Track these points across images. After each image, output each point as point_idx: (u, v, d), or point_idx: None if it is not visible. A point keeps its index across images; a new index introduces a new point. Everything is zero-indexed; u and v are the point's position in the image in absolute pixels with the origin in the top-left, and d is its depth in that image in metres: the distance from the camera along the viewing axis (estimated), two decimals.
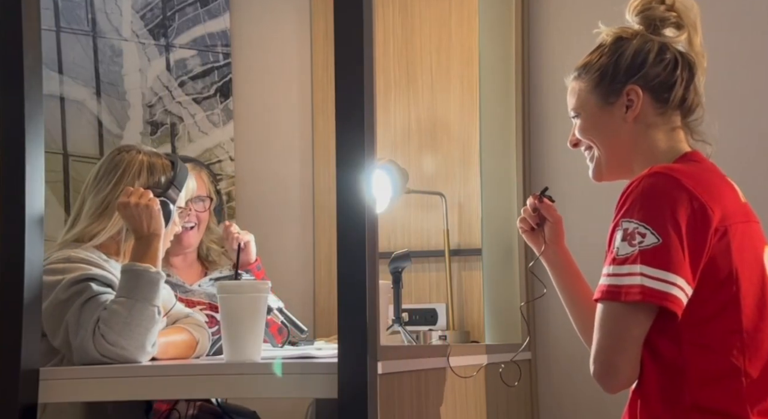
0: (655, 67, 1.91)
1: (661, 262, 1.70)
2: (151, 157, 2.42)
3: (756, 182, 3.27)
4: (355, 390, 1.76)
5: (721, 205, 1.76)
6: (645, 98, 1.90)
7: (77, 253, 2.27)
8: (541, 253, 2.19)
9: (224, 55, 3.82)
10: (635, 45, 1.92)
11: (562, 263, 2.18)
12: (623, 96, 1.91)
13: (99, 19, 3.59)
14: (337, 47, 1.83)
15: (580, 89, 1.98)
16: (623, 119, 1.92)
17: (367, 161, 1.80)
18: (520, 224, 2.23)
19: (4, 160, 1.97)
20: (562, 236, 2.19)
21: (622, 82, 1.91)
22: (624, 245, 1.73)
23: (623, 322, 1.72)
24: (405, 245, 3.58)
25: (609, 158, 1.96)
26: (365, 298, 1.77)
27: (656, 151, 1.90)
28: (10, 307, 1.94)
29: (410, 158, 3.65)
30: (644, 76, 1.90)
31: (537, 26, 3.53)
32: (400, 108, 3.71)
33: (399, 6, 3.73)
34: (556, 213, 2.20)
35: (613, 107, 1.93)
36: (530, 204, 2.21)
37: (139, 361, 2.12)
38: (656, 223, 1.71)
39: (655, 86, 1.90)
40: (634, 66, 1.91)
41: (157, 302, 2.16)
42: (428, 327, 3.44)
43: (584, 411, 3.34)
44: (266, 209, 3.82)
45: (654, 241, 1.70)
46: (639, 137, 1.92)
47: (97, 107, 3.56)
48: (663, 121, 1.91)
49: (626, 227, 1.73)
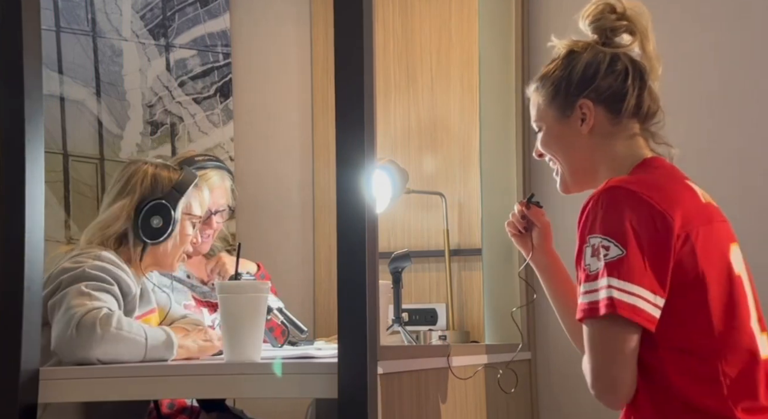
0: (606, 79, 1.93)
1: (626, 273, 1.71)
2: (157, 167, 2.46)
3: (755, 182, 3.27)
4: (355, 390, 1.76)
5: (681, 210, 1.77)
6: (598, 111, 1.93)
7: (105, 253, 2.30)
8: (529, 257, 2.22)
9: (224, 55, 3.82)
10: (586, 58, 1.95)
11: (550, 267, 2.21)
12: (577, 110, 1.94)
13: (99, 19, 3.59)
14: (337, 48, 1.83)
15: (539, 103, 2.01)
16: (579, 132, 1.95)
17: (367, 161, 1.80)
18: (508, 227, 2.27)
19: (4, 160, 1.97)
20: (550, 241, 2.23)
21: (575, 96, 1.94)
22: (594, 260, 1.74)
23: (609, 337, 1.73)
24: (405, 245, 3.58)
25: (571, 171, 1.99)
26: (365, 298, 1.77)
27: (617, 159, 1.92)
28: (10, 307, 1.94)
29: (410, 158, 3.65)
30: (596, 89, 1.93)
31: (537, 26, 3.53)
32: (400, 108, 3.71)
33: (399, 6, 3.73)
34: (544, 218, 2.24)
35: (569, 120, 1.96)
36: (518, 211, 2.25)
37: (91, 359, 2.09)
38: (617, 235, 1.73)
39: (608, 98, 1.93)
40: (586, 79, 1.94)
41: (148, 357, 2.15)
42: (428, 327, 3.44)
43: (584, 411, 3.34)
44: (266, 209, 3.82)
45: (618, 253, 1.72)
46: (597, 148, 1.94)
47: (97, 106, 3.56)
48: (619, 130, 1.93)
49: (593, 243, 1.75)
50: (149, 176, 2.42)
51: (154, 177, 2.43)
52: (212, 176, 2.92)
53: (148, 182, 2.42)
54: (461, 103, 3.63)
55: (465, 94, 3.62)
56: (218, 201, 2.92)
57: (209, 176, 2.90)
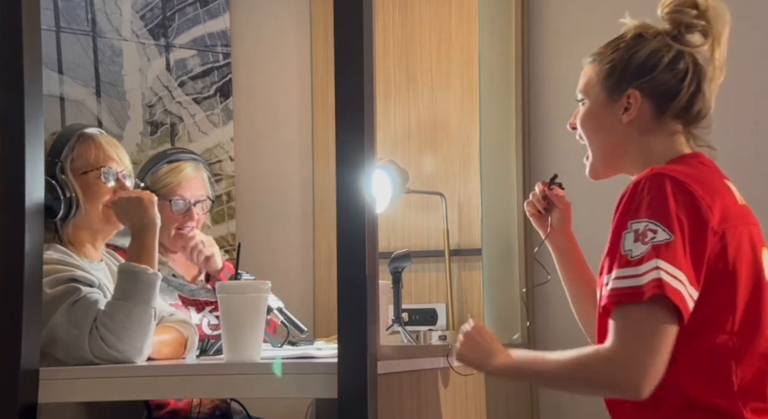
0: (664, 74, 1.88)
1: (673, 258, 1.68)
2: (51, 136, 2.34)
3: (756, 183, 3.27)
4: (355, 390, 1.76)
5: (720, 207, 1.75)
6: (644, 104, 1.89)
7: (50, 255, 2.22)
8: (546, 237, 2.20)
9: (224, 55, 3.82)
10: (652, 46, 1.90)
11: (567, 248, 2.19)
12: (623, 98, 1.90)
13: (99, 19, 3.59)
14: (337, 47, 1.83)
15: (591, 76, 1.96)
16: (618, 119, 1.91)
17: (367, 161, 1.80)
18: (527, 206, 2.24)
19: (4, 159, 1.97)
20: (569, 222, 2.21)
21: (628, 82, 1.90)
22: (637, 245, 1.70)
23: (651, 322, 1.67)
24: (405, 245, 3.58)
25: (601, 156, 1.96)
26: (365, 298, 1.77)
27: (652, 153, 1.89)
28: (9, 307, 1.94)
29: (410, 158, 3.64)
30: (650, 81, 1.88)
31: (537, 26, 3.53)
32: (400, 108, 3.71)
33: (399, 6, 3.73)
34: (566, 200, 2.22)
35: (613, 105, 1.91)
36: (539, 191, 2.23)
37: (135, 362, 2.12)
38: (665, 220, 1.70)
39: (659, 93, 1.88)
40: (644, 68, 1.89)
41: (154, 304, 2.15)
42: (428, 327, 3.44)
43: (584, 411, 3.34)
44: (266, 209, 3.82)
45: (666, 237, 1.69)
46: (632, 140, 1.91)
47: (97, 107, 3.56)
48: (660, 128, 1.90)
49: (636, 228, 1.71)
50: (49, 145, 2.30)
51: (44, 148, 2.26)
52: (185, 167, 2.90)
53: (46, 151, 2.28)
54: (461, 104, 3.63)
55: (465, 94, 3.62)
56: (195, 192, 2.90)
57: (182, 168, 2.89)
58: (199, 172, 2.94)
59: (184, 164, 2.92)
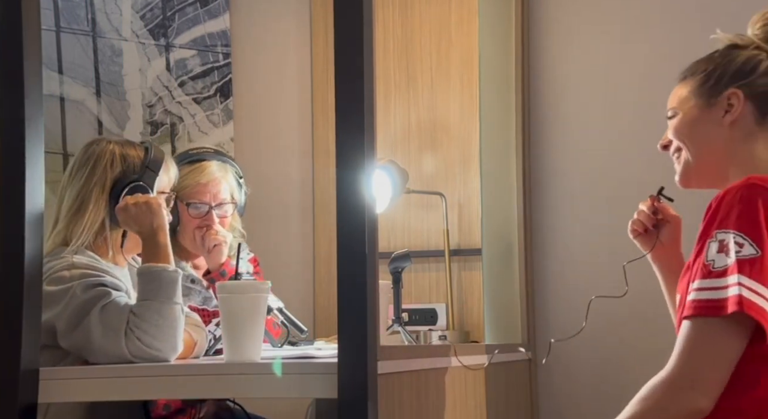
0: (763, 78, 1.85)
1: (758, 274, 1.62)
2: (123, 146, 2.38)
3: None
4: (355, 390, 1.76)
5: None
6: (746, 105, 1.85)
7: (79, 259, 2.26)
8: (649, 252, 2.08)
9: (224, 55, 3.82)
10: (748, 53, 1.87)
11: (676, 267, 2.05)
12: (723, 99, 1.86)
13: (99, 19, 3.59)
14: (337, 47, 1.83)
15: (682, 91, 1.92)
16: (720, 122, 1.86)
17: (367, 161, 1.80)
18: (632, 226, 2.12)
19: (4, 160, 1.97)
20: (680, 237, 2.10)
21: (726, 86, 1.86)
22: (721, 256, 1.64)
23: (722, 339, 1.63)
24: (405, 245, 3.58)
25: (698, 163, 1.89)
26: (365, 298, 1.77)
27: (756, 161, 1.84)
28: (9, 307, 1.94)
29: (410, 158, 3.65)
30: (750, 83, 1.85)
31: (537, 26, 3.53)
32: (400, 108, 3.71)
33: (399, 6, 3.73)
34: (675, 212, 2.11)
35: (712, 109, 1.87)
36: (648, 207, 2.11)
37: (171, 360, 2.14)
38: (755, 234, 1.64)
39: (760, 95, 1.85)
40: (743, 72, 1.86)
41: (180, 300, 2.18)
42: (428, 327, 3.44)
43: (584, 411, 3.34)
44: (266, 209, 3.81)
45: (753, 252, 1.63)
46: (734, 145, 1.85)
47: (97, 107, 3.56)
48: (763, 133, 1.85)
49: (722, 239, 1.65)
50: (118, 157, 2.34)
51: (123, 158, 2.35)
52: (207, 167, 2.81)
53: (118, 163, 2.34)
54: (461, 104, 3.63)
55: (465, 94, 3.62)
56: (217, 195, 2.80)
57: (204, 168, 2.80)
58: (223, 173, 2.83)
59: (206, 164, 2.82)
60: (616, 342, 3.26)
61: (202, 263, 2.91)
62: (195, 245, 2.82)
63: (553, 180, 3.47)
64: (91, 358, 2.14)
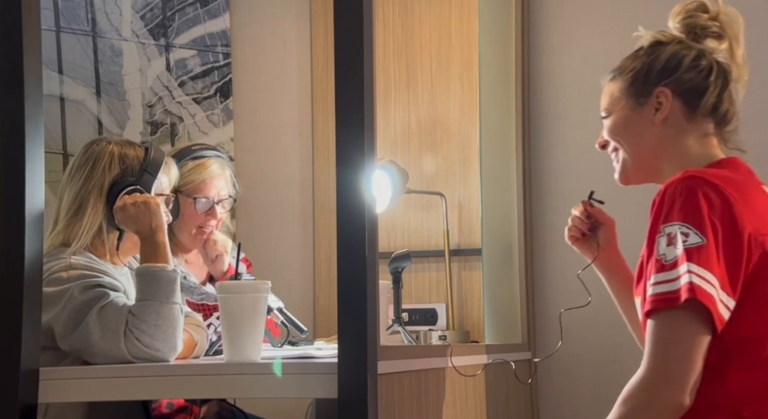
0: (688, 73, 1.89)
1: (705, 262, 1.65)
2: (123, 147, 2.37)
3: None
4: (355, 390, 1.76)
5: (755, 214, 1.72)
6: (675, 102, 1.89)
7: (77, 260, 2.25)
8: (594, 259, 2.14)
9: (224, 55, 3.82)
10: (671, 49, 1.91)
11: (618, 268, 2.12)
12: (653, 98, 1.90)
13: (99, 19, 3.59)
14: (337, 47, 1.83)
15: (613, 91, 1.96)
16: (651, 121, 1.90)
17: (367, 161, 1.80)
18: (569, 233, 2.17)
19: (4, 160, 1.97)
20: (616, 239, 2.15)
21: (654, 84, 1.90)
22: (670, 249, 1.67)
23: (685, 330, 1.65)
24: (405, 245, 3.58)
25: (635, 160, 1.94)
26: (365, 298, 1.77)
27: (688, 156, 1.88)
28: (9, 307, 1.94)
29: (410, 158, 3.65)
30: (676, 80, 1.89)
31: (537, 26, 3.53)
32: (400, 108, 3.71)
33: (399, 6, 3.73)
34: (608, 216, 2.16)
35: (642, 108, 1.91)
36: (581, 212, 2.16)
37: (170, 361, 2.14)
38: (698, 223, 1.67)
39: (687, 91, 1.88)
40: (668, 69, 1.89)
41: (178, 300, 2.18)
42: (428, 327, 3.44)
43: (584, 411, 3.34)
44: (266, 209, 3.82)
45: (699, 240, 1.66)
46: (667, 141, 1.90)
47: (97, 107, 3.56)
48: (693, 127, 1.89)
49: (669, 232, 1.68)
50: (116, 158, 2.34)
51: (122, 159, 2.34)
52: (210, 164, 2.84)
53: (117, 164, 2.33)
54: (461, 103, 3.63)
55: (465, 94, 3.62)
56: (220, 191, 2.84)
57: (207, 165, 2.83)
58: (223, 170, 2.87)
59: (209, 161, 2.84)
60: (616, 342, 3.25)
61: (195, 259, 2.93)
62: (192, 240, 2.84)
63: (553, 180, 3.46)
64: (90, 360, 2.14)
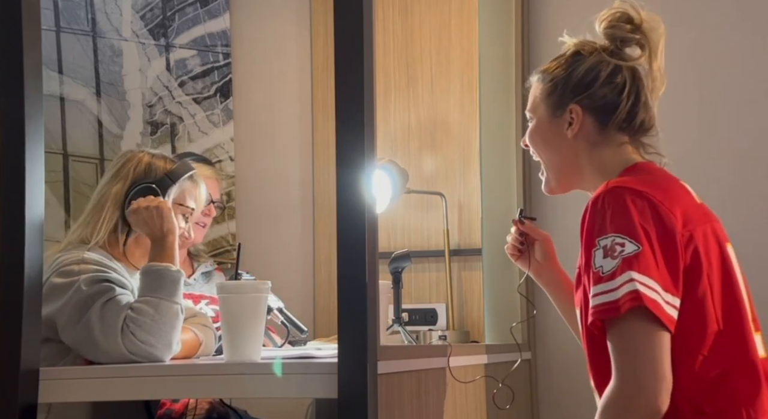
0: (602, 89, 1.92)
1: (645, 269, 1.69)
2: (154, 157, 2.43)
3: (744, 181, 3.27)
4: (355, 390, 1.76)
5: (681, 210, 1.77)
6: (586, 119, 1.93)
7: (89, 255, 2.28)
8: (529, 270, 2.21)
9: (224, 55, 3.82)
10: (589, 62, 1.95)
11: (557, 281, 2.19)
12: (566, 113, 1.94)
13: (99, 19, 3.59)
14: (337, 47, 1.83)
15: (536, 94, 2.01)
16: (564, 134, 1.95)
17: (367, 161, 1.80)
18: (508, 250, 2.25)
19: (4, 160, 1.97)
20: (554, 253, 2.21)
21: (569, 99, 1.94)
22: (607, 261, 1.70)
23: (639, 336, 1.67)
24: (405, 245, 3.58)
25: (554, 171, 2.00)
26: (365, 298, 1.77)
27: (604, 164, 1.92)
28: (10, 307, 1.94)
29: (410, 158, 3.65)
30: (590, 96, 1.93)
31: (537, 26, 3.53)
32: (400, 108, 3.71)
33: (399, 6, 3.73)
34: (542, 231, 2.23)
35: (557, 121, 1.96)
36: (515, 230, 2.23)
37: (165, 360, 2.14)
38: (630, 232, 1.71)
39: (599, 108, 1.92)
40: (583, 84, 1.93)
41: (180, 301, 2.19)
42: (428, 327, 3.44)
43: (584, 411, 3.34)
44: (266, 209, 3.82)
45: (635, 248, 1.70)
46: (582, 153, 1.94)
47: (97, 107, 3.56)
48: (606, 140, 1.93)
49: (604, 244, 1.72)
50: (143, 163, 2.40)
51: (149, 165, 2.40)
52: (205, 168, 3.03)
53: (142, 168, 2.39)
54: (461, 103, 3.63)
55: (465, 94, 3.62)
56: (215, 194, 3.00)
57: (203, 169, 2.96)
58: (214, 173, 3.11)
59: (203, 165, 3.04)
60: None
61: None
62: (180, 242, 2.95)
63: None
64: (91, 356, 2.14)
